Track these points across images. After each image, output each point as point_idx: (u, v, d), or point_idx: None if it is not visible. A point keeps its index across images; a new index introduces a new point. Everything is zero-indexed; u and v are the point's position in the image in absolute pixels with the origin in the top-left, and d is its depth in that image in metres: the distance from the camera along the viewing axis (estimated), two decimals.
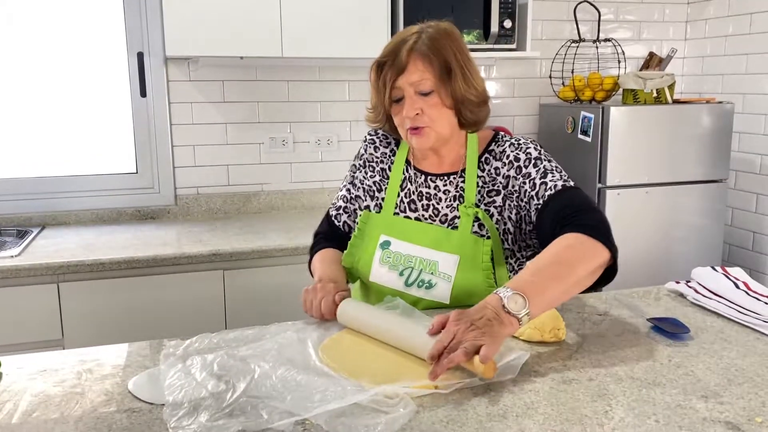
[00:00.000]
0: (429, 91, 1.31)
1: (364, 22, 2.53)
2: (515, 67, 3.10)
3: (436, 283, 1.33)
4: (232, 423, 0.91)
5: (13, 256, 2.10)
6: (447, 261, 1.33)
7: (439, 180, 1.41)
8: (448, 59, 1.31)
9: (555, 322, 1.23)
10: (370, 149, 1.50)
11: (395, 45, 1.33)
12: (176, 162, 2.75)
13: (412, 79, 1.30)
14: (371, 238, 1.40)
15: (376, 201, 1.45)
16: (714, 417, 0.95)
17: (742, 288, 1.46)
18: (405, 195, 1.42)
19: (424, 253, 1.34)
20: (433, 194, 1.40)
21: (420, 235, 1.36)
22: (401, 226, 1.39)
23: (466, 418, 0.95)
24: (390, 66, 1.31)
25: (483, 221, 1.35)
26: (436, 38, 1.33)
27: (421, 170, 1.43)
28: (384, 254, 1.37)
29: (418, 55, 1.30)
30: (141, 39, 2.65)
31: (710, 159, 2.79)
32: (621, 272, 2.96)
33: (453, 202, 1.39)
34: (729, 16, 3.06)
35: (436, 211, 1.39)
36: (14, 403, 1.02)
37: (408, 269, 1.35)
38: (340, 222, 1.53)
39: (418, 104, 1.31)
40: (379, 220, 1.41)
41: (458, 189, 1.39)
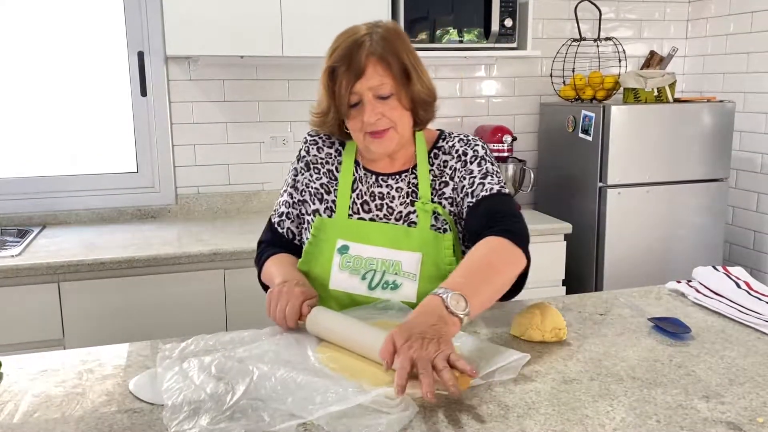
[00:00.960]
0: (389, 95, 1.27)
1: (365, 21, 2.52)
2: (516, 65, 3.10)
3: (401, 283, 1.29)
4: (233, 426, 0.90)
5: (14, 256, 2.10)
6: (410, 260, 1.30)
7: (391, 179, 1.37)
8: (405, 61, 1.29)
9: (556, 322, 1.23)
10: (313, 150, 1.42)
11: (347, 48, 1.27)
12: (177, 161, 2.75)
13: (372, 83, 1.26)
14: (327, 243, 1.34)
15: (326, 204, 1.38)
16: (715, 417, 0.95)
17: (744, 288, 1.46)
18: (357, 196, 1.37)
19: (385, 254, 1.30)
20: (386, 193, 1.36)
21: (378, 235, 1.32)
22: (358, 228, 1.33)
23: (468, 419, 0.95)
24: (346, 71, 1.25)
25: (441, 215, 1.33)
26: (389, 39, 1.29)
27: (372, 170, 1.39)
28: (343, 259, 1.31)
29: (376, 58, 1.26)
30: (141, 38, 2.65)
31: (711, 158, 2.78)
32: (622, 271, 2.96)
33: (406, 199, 1.36)
34: (730, 14, 3.06)
35: (391, 209, 1.36)
36: (15, 404, 1.02)
37: (370, 272, 1.30)
38: (283, 228, 1.45)
39: (378, 108, 1.27)
40: (334, 225, 1.35)
41: (410, 186, 1.36)
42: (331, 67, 1.28)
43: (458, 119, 3.07)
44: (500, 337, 1.27)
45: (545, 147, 3.10)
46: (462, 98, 3.06)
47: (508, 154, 2.84)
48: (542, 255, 2.57)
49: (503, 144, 2.82)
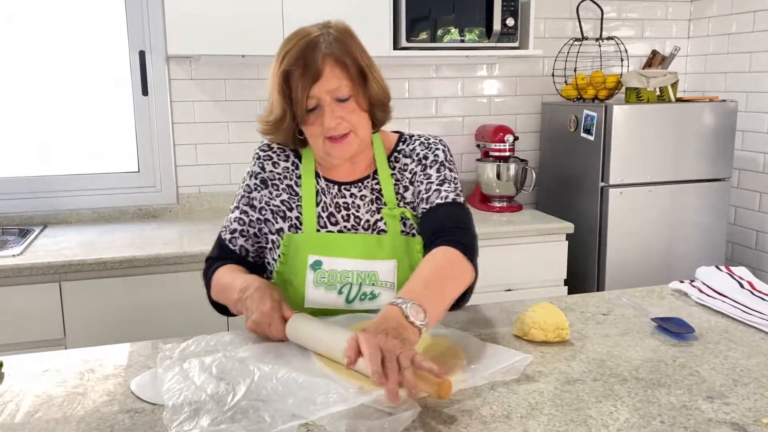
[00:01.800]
0: (347, 97, 1.23)
1: (366, 20, 2.52)
2: (517, 65, 3.09)
3: (379, 293, 1.26)
4: (234, 427, 0.90)
5: (15, 255, 2.10)
6: (385, 268, 1.26)
7: (354, 187, 1.33)
8: (360, 62, 1.25)
9: (559, 322, 1.23)
10: (268, 166, 1.34)
11: (301, 50, 1.21)
12: (178, 161, 2.75)
13: (330, 86, 1.21)
14: (298, 261, 1.27)
15: (290, 222, 1.31)
16: (720, 418, 0.94)
17: (747, 288, 1.45)
18: (322, 209, 1.31)
19: (360, 266, 1.26)
20: (351, 203, 1.32)
21: (350, 247, 1.27)
22: (328, 241, 1.28)
23: (470, 419, 0.94)
24: (302, 74, 1.20)
25: (410, 219, 1.31)
26: (343, 40, 1.25)
27: (333, 180, 1.34)
28: (317, 275, 1.26)
29: (332, 60, 1.21)
30: (143, 37, 2.64)
31: (713, 157, 2.78)
32: (623, 270, 2.96)
33: (372, 207, 1.32)
34: (732, 14, 3.05)
35: (358, 219, 1.31)
36: (16, 404, 1.02)
37: (347, 286, 1.25)
38: (236, 246, 1.36)
39: (337, 112, 1.22)
40: (303, 241, 1.28)
41: (374, 192, 1.33)
42: (285, 70, 1.21)
43: (460, 119, 3.06)
44: (503, 337, 1.26)
45: (547, 147, 3.09)
46: (463, 98, 3.05)
47: (509, 154, 2.83)
48: (544, 255, 2.58)
49: (505, 144, 2.81)
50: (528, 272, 2.54)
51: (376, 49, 2.90)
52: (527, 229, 2.53)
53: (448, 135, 3.05)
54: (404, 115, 2.98)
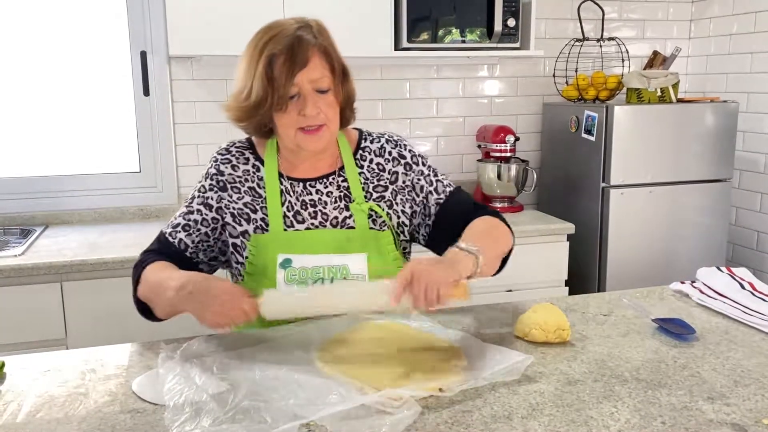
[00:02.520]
0: (327, 89, 1.25)
1: (367, 21, 2.53)
2: (519, 65, 3.09)
3: None
4: (235, 427, 0.90)
5: (17, 255, 2.10)
6: (356, 261, 1.27)
7: (319, 183, 1.33)
8: (341, 58, 1.29)
9: (559, 323, 1.23)
10: (227, 169, 1.33)
11: (289, 38, 1.22)
12: (179, 161, 2.75)
13: (313, 75, 1.23)
14: (267, 260, 1.26)
15: (256, 223, 1.30)
16: (720, 419, 0.95)
17: (748, 288, 1.45)
18: (287, 209, 1.30)
19: (330, 261, 1.26)
20: (318, 200, 1.32)
21: (319, 243, 1.28)
22: (296, 239, 1.28)
23: (471, 420, 0.95)
24: (288, 60, 1.21)
25: (379, 214, 1.34)
26: (325, 35, 1.28)
27: (297, 178, 1.34)
28: (288, 273, 1.25)
29: (317, 50, 1.24)
30: (144, 38, 2.65)
31: (714, 158, 2.78)
32: (624, 271, 2.95)
33: (339, 203, 1.33)
34: (733, 14, 3.05)
35: (325, 216, 1.32)
36: (18, 404, 1.02)
37: (318, 281, 1.25)
38: (175, 239, 1.32)
39: (317, 102, 1.24)
40: (271, 240, 1.27)
41: (341, 189, 1.34)
42: (271, 54, 1.22)
43: (461, 119, 3.06)
44: (503, 338, 1.26)
45: (548, 147, 3.09)
46: (464, 98, 3.05)
47: (510, 154, 2.83)
48: (545, 255, 2.58)
49: (506, 144, 2.81)
50: (529, 273, 2.54)
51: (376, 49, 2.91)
52: (528, 229, 2.53)
53: (449, 135, 3.06)
54: (405, 115, 2.98)
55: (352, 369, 1.07)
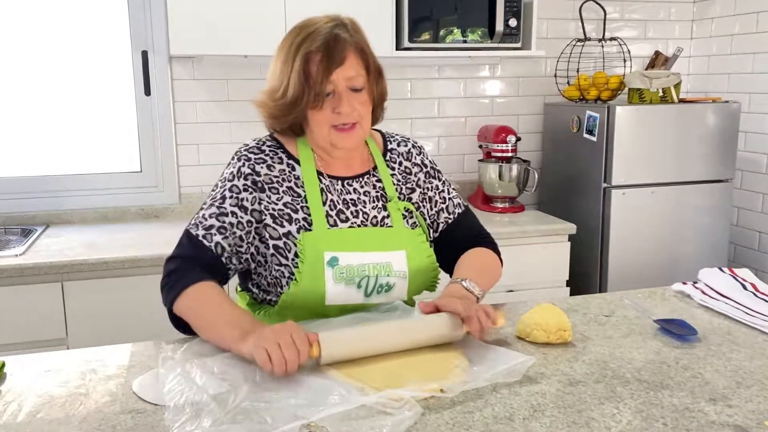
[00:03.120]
0: (361, 88, 1.26)
1: (368, 20, 2.48)
2: (520, 65, 3.09)
3: (394, 283, 1.29)
4: (236, 428, 0.90)
5: (18, 255, 2.10)
6: (397, 258, 1.29)
7: (356, 182, 1.34)
8: (375, 56, 1.29)
9: (561, 324, 1.22)
10: (263, 169, 1.29)
11: (326, 35, 1.22)
12: (180, 161, 2.75)
13: (349, 73, 1.23)
14: (314, 259, 1.24)
15: (298, 224, 1.27)
16: (722, 420, 0.94)
17: (750, 289, 1.45)
18: (330, 207, 1.29)
19: (375, 258, 1.27)
20: (357, 198, 1.32)
21: (363, 241, 1.28)
22: (342, 237, 1.27)
23: (472, 421, 0.94)
24: (325, 57, 1.21)
25: (413, 213, 1.37)
26: (361, 34, 1.28)
27: (335, 176, 1.33)
28: (336, 271, 1.24)
29: (353, 49, 1.24)
30: (145, 37, 2.64)
31: (716, 158, 2.77)
32: (626, 272, 2.95)
33: (377, 203, 1.34)
34: (735, 14, 3.04)
35: (366, 215, 1.32)
36: (18, 404, 1.02)
37: (364, 279, 1.25)
38: (211, 242, 1.24)
39: (352, 101, 1.24)
40: (318, 239, 1.25)
41: (377, 189, 1.35)
42: (308, 51, 1.21)
43: (462, 119, 3.06)
44: (505, 338, 1.26)
45: (549, 147, 3.09)
46: (466, 98, 3.05)
47: (512, 155, 2.83)
48: (546, 255, 2.57)
49: (507, 144, 2.81)
50: (530, 273, 2.53)
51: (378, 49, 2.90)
52: (529, 229, 2.53)
53: (451, 135, 3.05)
54: (406, 115, 2.97)
55: (352, 369, 1.07)
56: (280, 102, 1.25)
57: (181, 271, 1.21)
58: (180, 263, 1.23)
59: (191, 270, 1.20)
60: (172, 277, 1.21)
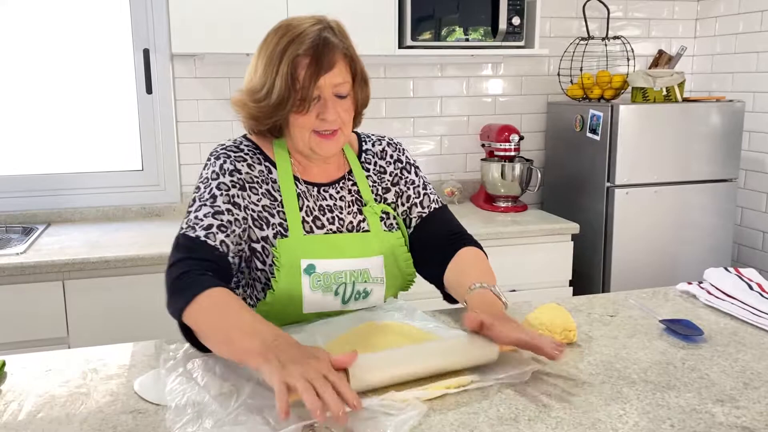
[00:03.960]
0: (346, 95, 1.24)
1: (371, 20, 2.51)
2: (523, 64, 3.08)
3: (371, 290, 1.27)
4: (238, 429, 0.89)
5: (19, 254, 2.09)
6: (374, 264, 1.27)
7: (332, 189, 1.32)
8: (361, 63, 1.28)
9: (566, 324, 1.21)
10: (244, 168, 1.25)
11: (313, 39, 1.19)
12: (182, 159, 2.74)
13: (336, 80, 1.21)
14: (290, 267, 1.21)
15: (275, 229, 1.24)
16: (730, 422, 0.93)
17: (756, 290, 1.44)
18: (306, 213, 1.27)
19: (352, 265, 1.25)
20: (333, 205, 1.30)
21: (340, 248, 1.25)
22: (318, 244, 1.24)
23: (477, 422, 0.93)
24: (313, 62, 1.18)
25: (391, 214, 1.36)
26: (346, 36, 1.26)
27: (312, 182, 1.31)
28: (313, 279, 1.21)
29: (342, 55, 1.22)
30: (147, 36, 2.64)
31: (720, 158, 2.76)
32: (629, 271, 2.94)
33: (353, 207, 1.32)
34: (739, 13, 3.03)
35: (342, 221, 1.30)
36: (19, 403, 1.01)
37: (341, 286, 1.23)
38: (215, 241, 1.16)
39: (337, 107, 1.23)
40: (294, 246, 1.22)
41: (352, 193, 1.33)
42: (295, 55, 1.18)
43: (464, 118, 3.05)
44: None
45: (552, 146, 3.08)
46: (468, 97, 3.04)
47: (515, 154, 2.82)
48: (549, 255, 2.56)
49: (510, 143, 2.80)
50: (533, 273, 2.52)
51: (380, 47, 2.89)
52: (532, 229, 2.52)
53: (453, 134, 3.04)
54: (409, 114, 2.96)
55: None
56: (263, 103, 1.22)
57: (191, 276, 1.09)
58: (188, 267, 1.10)
59: (202, 275, 1.09)
60: (177, 285, 1.08)
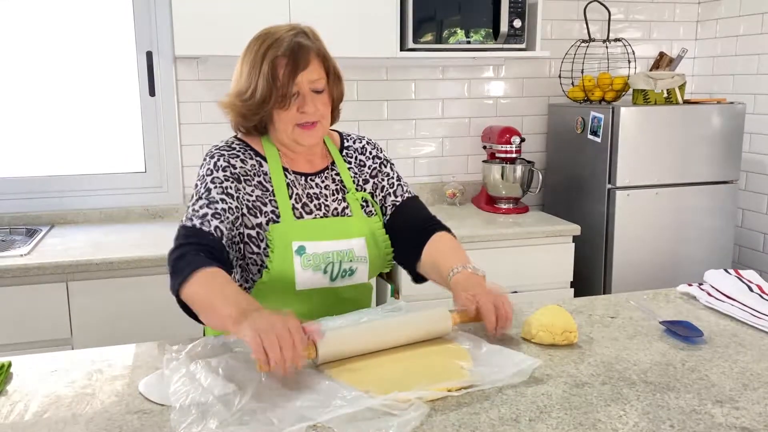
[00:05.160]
0: (322, 90, 1.37)
1: (373, 21, 2.52)
2: (524, 66, 3.08)
3: (356, 268, 1.40)
4: (242, 429, 0.90)
5: (23, 255, 2.11)
6: (358, 245, 1.40)
7: (318, 178, 1.45)
8: (334, 61, 1.42)
9: (567, 325, 1.22)
10: (238, 163, 1.38)
11: (289, 43, 1.33)
12: (184, 161, 2.75)
13: (312, 77, 1.35)
14: (283, 248, 1.34)
15: (267, 216, 1.36)
16: (730, 423, 0.94)
17: (756, 291, 1.45)
18: (295, 200, 1.40)
19: (338, 246, 1.38)
20: (320, 192, 1.44)
21: (326, 231, 1.39)
22: (307, 228, 1.38)
23: (479, 422, 0.94)
24: (290, 62, 1.32)
25: (369, 202, 1.49)
26: (319, 39, 1.41)
27: (299, 172, 1.43)
28: (304, 259, 1.34)
29: (316, 55, 1.36)
30: (150, 38, 2.65)
31: (721, 160, 2.76)
32: (630, 273, 2.94)
33: (337, 195, 1.45)
34: (740, 15, 3.04)
35: (327, 207, 1.43)
36: (25, 404, 1.02)
37: (329, 265, 1.36)
38: (210, 227, 1.29)
39: (315, 101, 1.36)
40: (286, 229, 1.35)
41: (336, 182, 1.47)
42: (274, 57, 1.32)
43: (466, 120, 3.06)
44: (510, 339, 1.26)
45: (554, 148, 3.09)
46: (470, 99, 3.05)
47: (516, 155, 2.83)
48: (550, 256, 2.57)
49: (511, 145, 2.81)
50: (534, 274, 2.53)
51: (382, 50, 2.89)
52: (533, 230, 2.52)
53: (454, 136, 3.05)
54: (410, 116, 2.97)
55: (358, 377, 1.06)
56: (249, 102, 1.35)
57: (187, 258, 1.24)
58: (185, 250, 1.26)
59: (197, 256, 1.24)
60: (178, 264, 1.24)
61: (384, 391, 0.99)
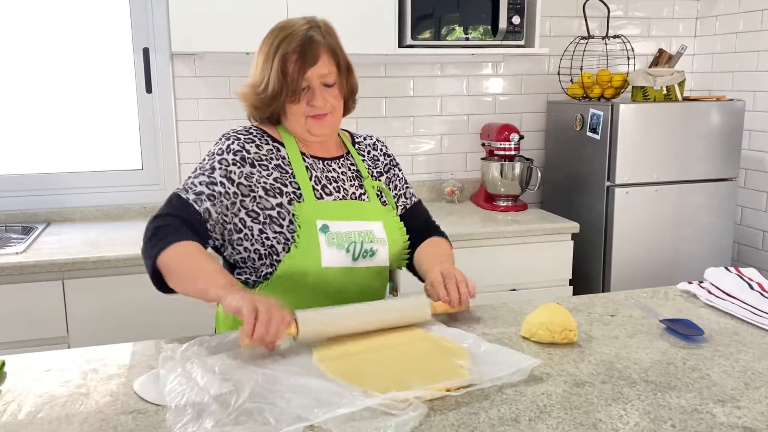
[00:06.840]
0: (333, 83, 1.41)
1: (371, 18, 2.51)
2: (523, 63, 3.07)
3: (377, 249, 1.42)
4: (239, 429, 0.88)
5: (18, 253, 2.09)
6: (377, 228, 1.44)
7: (334, 163, 1.49)
8: (345, 56, 1.45)
9: (566, 323, 1.21)
10: (252, 148, 1.41)
11: (302, 38, 1.37)
12: (182, 158, 2.74)
13: (322, 71, 1.38)
14: (308, 227, 1.37)
15: (289, 196, 1.39)
16: (732, 422, 0.93)
17: (757, 289, 1.44)
18: (315, 182, 1.43)
19: (359, 227, 1.41)
20: (338, 176, 1.47)
21: (348, 212, 1.43)
22: (329, 208, 1.41)
23: (478, 422, 0.93)
24: (300, 58, 1.36)
25: (384, 193, 1.53)
26: (333, 35, 1.44)
27: (317, 156, 1.48)
28: (328, 237, 1.37)
29: (325, 49, 1.39)
30: (147, 35, 2.63)
31: (720, 157, 2.76)
32: (629, 271, 2.94)
33: (354, 181, 1.49)
34: (739, 12, 3.03)
35: (345, 191, 1.46)
36: (18, 404, 1.01)
37: (352, 244, 1.39)
38: (200, 207, 1.33)
39: (325, 95, 1.40)
40: (310, 209, 1.38)
41: (352, 170, 1.51)
42: (285, 53, 1.36)
43: (465, 117, 3.05)
44: (509, 338, 1.25)
45: (553, 145, 3.08)
46: (468, 96, 3.04)
47: (515, 153, 2.82)
48: (549, 254, 2.56)
49: (510, 142, 2.80)
50: (533, 272, 2.52)
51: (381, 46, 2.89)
52: (532, 228, 2.51)
53: (453, 133, 3.04)
54: (409, 113, 2.96)
55: (356, 375, 1.05)
56: (262, 96, 1.40)
57: (170, 228, 1.28)
58: (169, 221, 1.30)
59: (180, 229, 1.28)
60: (159, 233, 1.27)
61: (382, 390, 0.98)
